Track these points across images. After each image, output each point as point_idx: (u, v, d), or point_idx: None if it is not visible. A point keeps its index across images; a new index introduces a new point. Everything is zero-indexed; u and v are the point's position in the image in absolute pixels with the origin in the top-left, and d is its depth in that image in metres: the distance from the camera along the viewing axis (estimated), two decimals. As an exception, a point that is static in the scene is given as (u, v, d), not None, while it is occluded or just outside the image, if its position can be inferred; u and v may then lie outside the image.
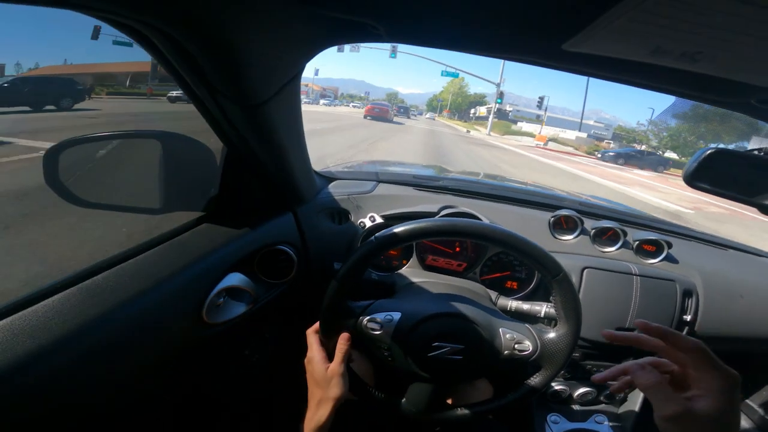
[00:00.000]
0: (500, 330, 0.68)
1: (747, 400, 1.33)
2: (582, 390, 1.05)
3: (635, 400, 1.11)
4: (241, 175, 0.75)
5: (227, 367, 0.89)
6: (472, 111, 77.48)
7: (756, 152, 0.54)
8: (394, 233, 0.63)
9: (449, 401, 0.94)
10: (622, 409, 1.11)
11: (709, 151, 0.56)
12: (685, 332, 1.02)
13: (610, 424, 1.06)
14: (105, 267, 0.58)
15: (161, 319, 0.60)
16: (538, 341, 0.67)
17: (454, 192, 1.19)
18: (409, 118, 41.89)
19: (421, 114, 77.99)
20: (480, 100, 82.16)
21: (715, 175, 0.56)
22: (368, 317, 0.66)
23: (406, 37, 0.48)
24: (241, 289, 0.74)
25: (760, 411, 1.29)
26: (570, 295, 0.66)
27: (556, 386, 1.06)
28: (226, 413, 0.96)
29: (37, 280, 0.54)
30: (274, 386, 1.09)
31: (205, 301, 0.67)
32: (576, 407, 1.08)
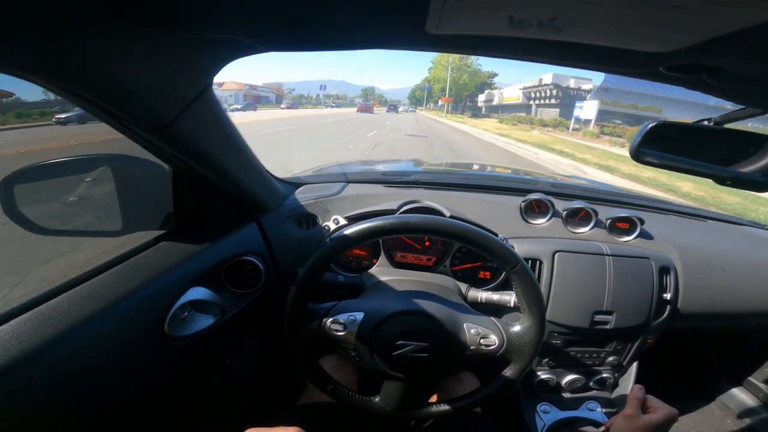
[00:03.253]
0: (464, 325, 0.68)
1: (750, 378, 1.33)
2: (570, 377, 1.04)
3: (626, 385, 1.10)
4: (191, 191, 0.76)
5: (209, 377, 0.91)
6: (480, 98, 55.55)
7: (705, 122, 0.54)
8: (345, 235, 0.63)
9: (434, 397, 0.96)
10: (614, 395, 1.10)
11: (651, 125, 0.55)
12: (667, 312, 1.01)
13: (604, 410, 1.06)
14: (60, 290, 0.59)
15: (120, 336, 0.61)
16: (504, 335, 0.67)
17: (426, 185, 1.19)
18: (398, 113, 50.41)
19: (393, 109, 59.99)
20: (491, 78, 58.30)
21: (661, 148, 0.56)
22: (331, 318, 0.67)
23: (277, 45, 0.48)
24: (207, 301, 0.76)
25: (764, 388, 1.28)
26: (530, 286, 0.65)
27: (543, 375, 1.05)
28: (218, 420, 0.97)
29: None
30: (259, 391, 1.10)
31: (166, 316, 0.68)
32: (567, 395, 1.07)
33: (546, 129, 25.22)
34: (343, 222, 0.94)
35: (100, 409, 0.60)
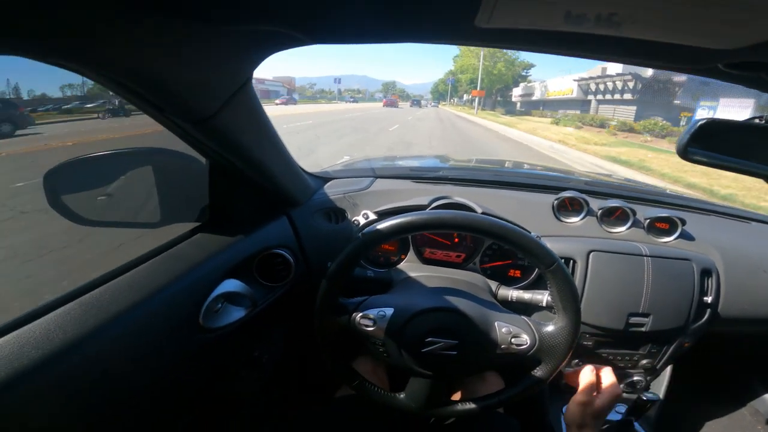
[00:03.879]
0: (496, 324, 0.66)
1: None
2: None
3: (658, 388, 1.07)
4: (226, 184, 0.77)
5: (237, 369, 0.93)
6: (515, 92, 44.99)
7: (757, 120, 0.51)
8: (378, 230, 0.63)
9: (457, 395, 0.95)
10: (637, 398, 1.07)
11: (701, 122, 0.53)
12: (707, 316, 0.97)
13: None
14: (103, 281, 0.61)
15: (158, 327, 0.63)
16: (536, 334, 0.66)
17: (454, 181, 1.17)
18: (421, 107, 51.98)
19: (417, 104, 59.66)
20: (527, 70, 47.62)
21: (709, 146, 0.53)
22: (361, 313, 0.66)
23: (323, 37, 0.47)
24: (239, 294, 0.77)
25: None
26: (566, 286, 0.63)
27: None
28: (244, 413, 0.99)
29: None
30: (286, 383, 1.12)
31: (201, 308, 0.69)
32: None
33: (639, 137, 17.08)
34: (372, 217, 0.94)
35: (135, 401, 0.61)
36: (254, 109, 0.63)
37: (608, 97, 26.51)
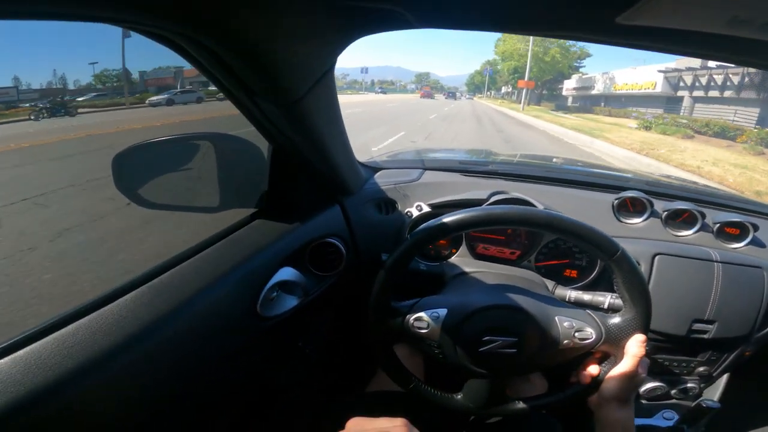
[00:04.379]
0: (556, 318, 0.63)
1: None
2: (651, 385, 0.97)
3: (712, 395, 1.02)
4: (287, 170, 0.76)
5: (285, 359, 0.93)
6: (567, 84, 37.96)
7: None
8: (444, 223, 0.61)
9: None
10: (694, 404, 1.01)
11: None
12: None
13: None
14: (170, 265, 0.61)
15: (221, 313, 0.63)
16: (602, 327, 0.63)
17: (505, 176, 1.13)
18: (456, 99, 54.18)
19: (452, 96, 58.11)
20: (580, 60, 38.91)
21: None
22: (415, 315, 0.64)
23: (438, 21, 0.44)
24: (294, 282, 0.76)
25: None
26: (633, 275, 0.60)
27: None
28: (284, 402, 1.00)
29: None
30: (327, 374, 1.12)
31: (259, 296, 0.69)
32: (643, 402, 1.00)
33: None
34: (426, 209, 0.92)
35: (199, 387, 0.62)
36: (333, 94, 0.62)
37: (712, 94, 19.40)
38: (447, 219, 0.61)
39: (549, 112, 29.17)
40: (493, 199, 0.90)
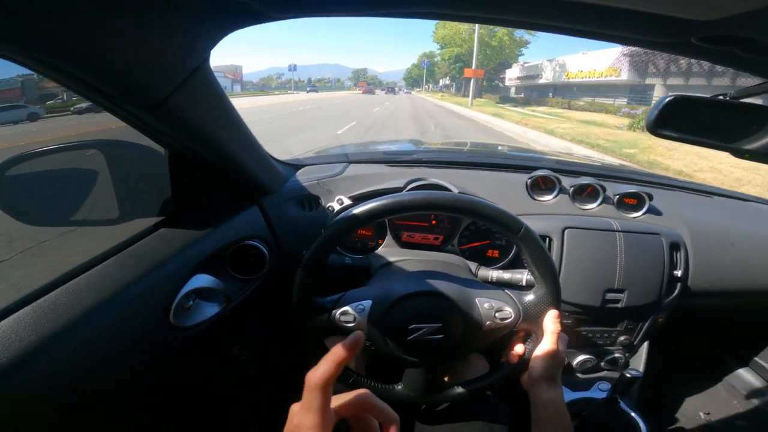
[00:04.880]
0: (477, 300, 0.65)
1: (756, 358, 1.32)
2: (581, 358, 1.02)
3: (637, 364, 1.10)
4: (189, 174, 0.73)
5: (217, 367, 0.90)
6: (509, 74, 35.34)
7: (721, 97, 0.53)
8: (354, 215, 0.61)
9: (446, 380, 0.95)
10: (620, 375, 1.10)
11: (668, 99, 0.54)
12: (678, 290, 0.99)
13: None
14: (59, 283, 0.57)
15: (124, 329, 0.59)
16: (519, 306, 0.65)
17: (429, 164, 1.16)
18: (395, 94, 53.60)
19: (391, 91, 56.53)
20: (520, 49, 36.05)
21: (678, 122, 0.55)
22: (340, 310, 0.64)
23: (292, 11, 0.43)
24: (211, 289, 0.74)
25: None
26: (539, 251, 0.63)
27: None
28: (227, 413, 0.97)
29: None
30: (268, 380, 1.10)
31: (171, 306, 0.66)
32: (579, 376, 1.05)
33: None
34: (347, 202, 0.91)
35: (106, 407, 0.58)
36: (214, 91, 0.59)
37: (699, 81, 15.64)
38: (357, 210, 0.61)
39: (496, 105, 26.44)
40: (410, 186, 0.92)
